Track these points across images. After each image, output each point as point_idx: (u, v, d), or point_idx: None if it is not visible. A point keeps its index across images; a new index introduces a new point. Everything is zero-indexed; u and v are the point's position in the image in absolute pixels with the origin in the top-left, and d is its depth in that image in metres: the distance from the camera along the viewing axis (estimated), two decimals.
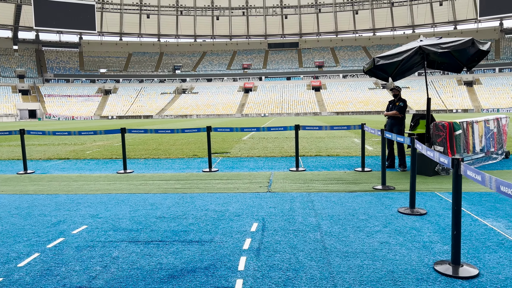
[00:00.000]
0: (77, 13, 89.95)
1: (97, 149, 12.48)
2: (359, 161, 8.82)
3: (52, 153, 11.33)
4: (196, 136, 18.23)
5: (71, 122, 54.44)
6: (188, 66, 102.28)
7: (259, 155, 10.17)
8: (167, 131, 8.03)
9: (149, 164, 8.97)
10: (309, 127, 8.01)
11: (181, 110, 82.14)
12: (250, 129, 8.10)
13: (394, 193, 5.65)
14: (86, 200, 5.53)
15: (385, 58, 6.71)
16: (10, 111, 77.34)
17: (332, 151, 10.67)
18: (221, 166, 8.45)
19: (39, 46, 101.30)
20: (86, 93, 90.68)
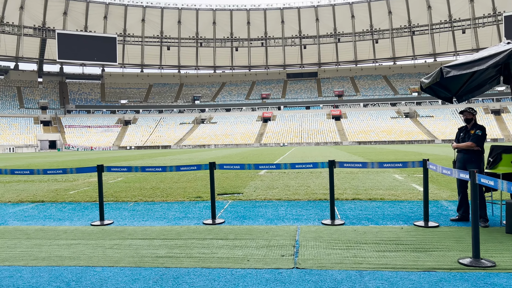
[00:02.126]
0: (100, 46, 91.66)
1: (87, 187, 10.62)
2: (414, 208, 6.66)
3: (28, 193, 9.52)
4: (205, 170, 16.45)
5: (88, 153, 53.65)
6: (207, 97, 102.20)
7: (280, 197, 8.09)
8: (157, 168, 6.10)
9: (137, 211, 7.03)
10: (348, 164, 5.97)
11: (199, 140, 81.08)
12: (267, 165, 6.13)
13: (499, 274, 3.52)
14: (13, 282, 3.58)
15: (459, 67, 4.73)
16: (31, 142, 77.77)
17: (373, 192, 8.45)
18: (230, 215, 6.44)
19: (62, 78, 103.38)
20: (106, 123, 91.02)
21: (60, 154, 45.21)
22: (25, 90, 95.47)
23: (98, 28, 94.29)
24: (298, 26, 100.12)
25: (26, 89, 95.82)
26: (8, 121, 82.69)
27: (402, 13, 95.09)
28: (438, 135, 74.80)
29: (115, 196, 8.75)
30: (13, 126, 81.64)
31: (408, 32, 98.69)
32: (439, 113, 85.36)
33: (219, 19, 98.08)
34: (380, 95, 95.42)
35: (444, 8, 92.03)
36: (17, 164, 24.18)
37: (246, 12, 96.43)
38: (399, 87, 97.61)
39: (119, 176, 13.91)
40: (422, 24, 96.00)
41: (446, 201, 7.28)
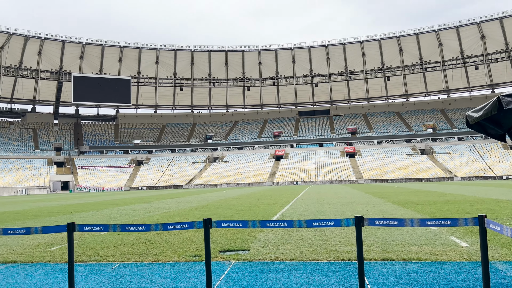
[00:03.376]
0: (114, 88, 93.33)
1: (75, 240, 9.43)
2: (462, 273, 5.29)
3: (6, 249, 8.37)
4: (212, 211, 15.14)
5: (97, 194, 52.84)
6: (219, 135, 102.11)
7: (293, 257, 6.74)
8: (140, 227, 4.93)
9: (121, 277, 5.80)
10: (380, 222, 4.69)
11: (211, 179, 79.97)
12: (276, 223, 4.93)
13: None
14: None
15: None
16: (43, 183, 77.69)
17: (406, 249, 6.97)
18: (231, 284, 5.17)
19: (77, 120, 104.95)
20: (119, 164, 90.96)
21: (67, 197, 44.41)
22: (41, 132, 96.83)
23: (113, 71, 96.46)
24: (309, 65, 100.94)
25: (41, 131, 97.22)
26: (22, 163, 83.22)
27: (413, 50, 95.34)
28: (456, 172, 72.35)
29: (100, 254, 7.53)
30: (27, 167, 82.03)
31: (420, 69, 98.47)
32: (456, 149, 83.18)
33: (231, 60, 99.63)
34: (394, 132, 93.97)
35: (455, 45, 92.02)
36: (6, 210, 23.26)
37: (257, 52, 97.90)
38: (413, 124, 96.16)
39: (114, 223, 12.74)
40: (434, 60, 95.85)
41: (500, 263, 5.89)
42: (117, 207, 22.27)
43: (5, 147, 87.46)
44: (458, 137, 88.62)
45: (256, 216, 14.38)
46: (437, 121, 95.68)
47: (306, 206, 18.34)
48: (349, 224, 4.51)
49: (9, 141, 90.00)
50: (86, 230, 4.87)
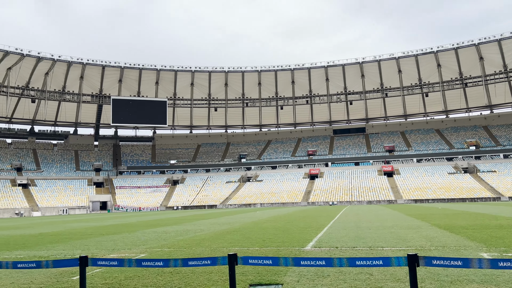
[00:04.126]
0: (151, 110, 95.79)
1: (98, 268, 9.08)
2: None
3: (31, 277, 8.13)
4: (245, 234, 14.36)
5: (133, 215, 53.54)
6: (253, 155, 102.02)
7: None
8: (158, 262, 4.45)
9: None
10: (438, 262, 3.94)
11: (245, 198, 79.48)
12: (312, 261, 4.33)
13: None
14: None
15: None
16: (83, 204, 79.94)
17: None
18: None
19: (116, 141, 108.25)
20: (155, 184, 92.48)
21: (103, 217, 45.12)
22: (82, 153, 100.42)
23: (150, 93, 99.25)
24: (343, 82, 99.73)
25: (83, 152, 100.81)
26: (64, 184, 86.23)
27: (452, 65, 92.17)
28: (503, 191, 68.11)
29: (123, 284, 7.12)
30: (68, 188, 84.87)
31: (460, 84, 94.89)
32: (502, 167, 78.63)
33: (264, 79, 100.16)
34: (434, 149, 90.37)
35: (497, 59, 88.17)
36: (43, 232, 23.55)
37: (290, 71, 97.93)
38: (454, 141, 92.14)
39: (141, 249, 12.40)
40: (474, 75, 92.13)
41: None
42: (149, 229, 22.14)
43: (49, 168, 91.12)
44: (504, 154, 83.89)
45: (289, 242, 13.65)
46: (480, 138, 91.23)
47: (344, 230, 17.37)
48: (401, 264, 3.85)
49: (53, 162, 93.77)
50: (99, 265, 4.46)
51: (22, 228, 26.62)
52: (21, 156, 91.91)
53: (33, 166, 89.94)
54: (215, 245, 12.97)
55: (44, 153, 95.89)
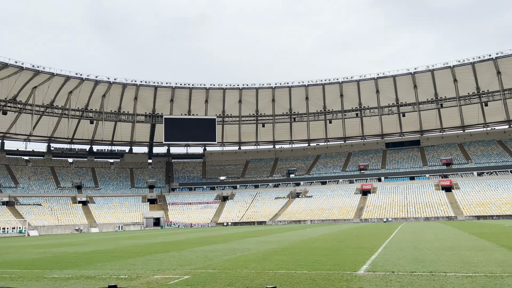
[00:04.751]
0: (201, 127, 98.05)
1: None
2: None
3: None
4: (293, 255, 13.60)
5: (186, 231, 54.26)
6: (302, 170, 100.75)
7: None
8: None
9: None
10: None
11: (294, 215, 78.25)
12: None
13: None
14: None
15: None
16: (137, 220, 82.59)
17: None
18: None
19: (169, 159, 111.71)
20: (206, 200, 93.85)
21: (155, 234, 46.02)
22: (137, 171, 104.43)
23: (200, 111, 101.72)
24: (394, 94, 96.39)
25: (137, 170, 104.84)
26: (120, 200, 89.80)
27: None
28: None
29: None
30: (124, 205, 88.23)
31: None
32: None
33: (311, 94, 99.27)
34: (496, 162, 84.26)
35: None
36: (96, 249, 24.12)
37: (338, 85, 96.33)
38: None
39: (186, 270, 12.13)
40: None
41: None
42: (198, 247, 22.06)
43: (106, 185, 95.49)
44: None
45: (341, 264, 12.83)
46: None
47: (400, 251, 16.16)
48: None
49: (110, 180, 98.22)
50: None
51: (77, 245, 27.65)
52: (81, 174, 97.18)
53: (92, 184, 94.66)
54: (261, 267, 12.47)
55: (102, 171, 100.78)
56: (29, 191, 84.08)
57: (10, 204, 76.43)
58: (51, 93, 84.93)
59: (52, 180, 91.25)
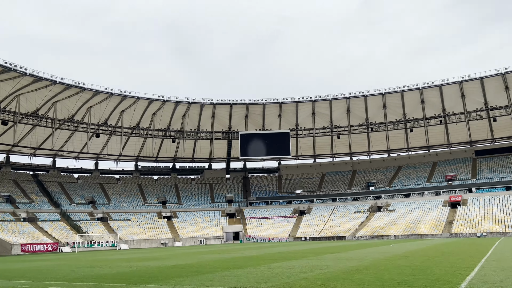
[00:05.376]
0: (275, 142, 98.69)
1: None
2: None
3: None
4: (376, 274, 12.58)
5: (265, 245, 54.36)
6: (382, 182, 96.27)
7: None
8: None
9: None
10: None
11: (376, 230, 74.62)
12: None
13: None
14: None
15: None
16: (218, 234, 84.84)
17: None
18: None
19: (245, 174, 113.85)
20: (283, 214, 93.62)
21: (234, 248, 46.60)
22: (216, 186, 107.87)
23: (274, 126, 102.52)
24: (482, 97, 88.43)
25: (216, 185, 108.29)
26: (201, 215, 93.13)
27: None
28: None
29: None
30: (205, 219, 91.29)
31: None
32: None
33: (389, 102, 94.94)
34: None
35: None
36: (177, 264, 24.78)
37: (418, 91, 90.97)
38: None
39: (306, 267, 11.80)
40: None
41: None
42: (275, 262, 21.76)
43: (188, 200, 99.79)
44: None
45: (432, 286, 11.64)
46: None
47: (502, 272, 14.31)
48: None
49: (191, 195, 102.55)
50: None
51: (161, 259, 28.89)
52: (165, 190, 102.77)
53: (175, 199, 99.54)
54: (341, 287, 11.77)
55: (184, 187, 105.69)
56: (119, 207, 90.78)
57: (104, 219, 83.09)
58: (136, 116, 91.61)
59: (140, 197, 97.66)
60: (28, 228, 68.61)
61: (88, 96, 79.81)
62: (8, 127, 76.34)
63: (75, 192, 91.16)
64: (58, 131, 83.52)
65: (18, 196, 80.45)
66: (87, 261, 28.87)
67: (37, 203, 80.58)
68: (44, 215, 76.59)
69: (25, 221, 71.50)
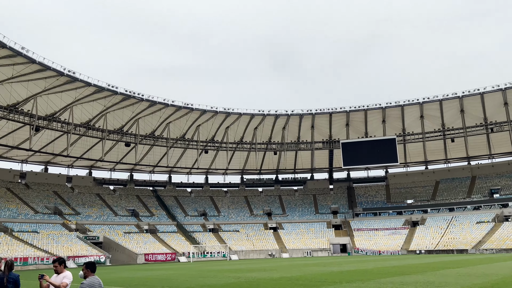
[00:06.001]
0: (380, 149, 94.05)
1: None
2: None
3: None
4: None
5: (374, 259, 51.84)
6: (509, 188, 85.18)
7: None
8: None
9: None
10: None
11: (504, 242, 65.98)
12: None
13: None
14: None
15: None
16: (324, 246, 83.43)
17: None
18: None
19: (350, 183, 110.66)
20: (393, 225, 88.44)
21: (341, 261, 45.18)
22: (319, 197, 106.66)
23: (377, 132, 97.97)
24: None
25: (320, 196, 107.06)
26: (306, 226, 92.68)
27: None
28: None
29: None
30: (310, 230, 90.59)
31: None
32: None
33: (511, 98, 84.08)
34: None
35: None
36: (283, 276, 24.68)
37: None
38: None
39: None
40: None
41: None
42: (386, 278, 20.45)
43: (292, 212, 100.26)
44: None
45: None
46: None
47: None
48: None
49: (295, 207, 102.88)
50: None
51: (268, 270, 29.27)
52: (270, 202, 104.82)
53: (280, 211, 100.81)
54: None
55: (287, 198, 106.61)
56: (228, 218, 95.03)
57: (215, 230, 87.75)
58: (240, 131, 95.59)
59: (247, 208, 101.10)
60: (150, 239, 75.63)
61: (196, 115, 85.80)
62: (131, 148, 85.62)
63: (189, 205, 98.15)
64: (172, 149, 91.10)
65: (141, 210, 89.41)
66: (200, 271, 30.59)
67: (157, 216, 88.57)
68: (163, 227, 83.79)
69: (147, 233, 78.94)
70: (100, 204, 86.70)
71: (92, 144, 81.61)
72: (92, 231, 72.61)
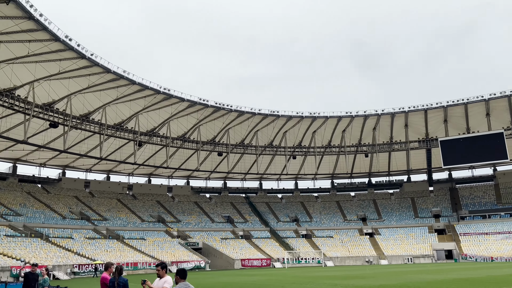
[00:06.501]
0: (485, 145, 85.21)
1: None
2: None
3: None
4: None
5: (485, 266, 46.94)
6: None
7: None
8: None
9: None
10: None
11: None
12: None
13: None
14: None
15: None
16: (426, 252, 77.93)
17: None
18: None
19: (452, 184, 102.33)
20: (506, 229, 79.47)
21: (447, 268, 41.67)
22: (418, 200, 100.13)
23: (481, 127, 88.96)
24: None
25: (418, 199, 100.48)
26: (405, 232, 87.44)
27: None
28: None
29: None
30: (410, 236, 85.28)
31: None
32: None
33: None
34: None
35: None
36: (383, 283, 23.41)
37: None
38: None
39: None
40: None
41: None
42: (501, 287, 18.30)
43: (389, 216, 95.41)
44: None
45: None
46: None
47: None
48: None
49: (392, 211, 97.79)
50: None
51: (366, 277, 28.13)
52: (364, 206, 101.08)
53: (375, 215, 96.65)
54: None
55: (382, 202, 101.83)
56: (321, 224, 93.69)
57: (308, 236, 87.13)
58: (327, 135, 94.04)
59: (339, 214, 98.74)
60: (245, 245, 77.75)
61: (282, 122, 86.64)
62: (223, 158, 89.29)
63: (280, 211, 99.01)
64: (261, 156, 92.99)
65: (235, 216, 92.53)
66: (295, 277, 30.55)
67: (250, 222, 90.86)
68: (256, 233, 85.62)
69: (242, 239, 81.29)
70: (198, 212, 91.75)
71: (188, 155, 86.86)
72: (192, 237, 77.00)
